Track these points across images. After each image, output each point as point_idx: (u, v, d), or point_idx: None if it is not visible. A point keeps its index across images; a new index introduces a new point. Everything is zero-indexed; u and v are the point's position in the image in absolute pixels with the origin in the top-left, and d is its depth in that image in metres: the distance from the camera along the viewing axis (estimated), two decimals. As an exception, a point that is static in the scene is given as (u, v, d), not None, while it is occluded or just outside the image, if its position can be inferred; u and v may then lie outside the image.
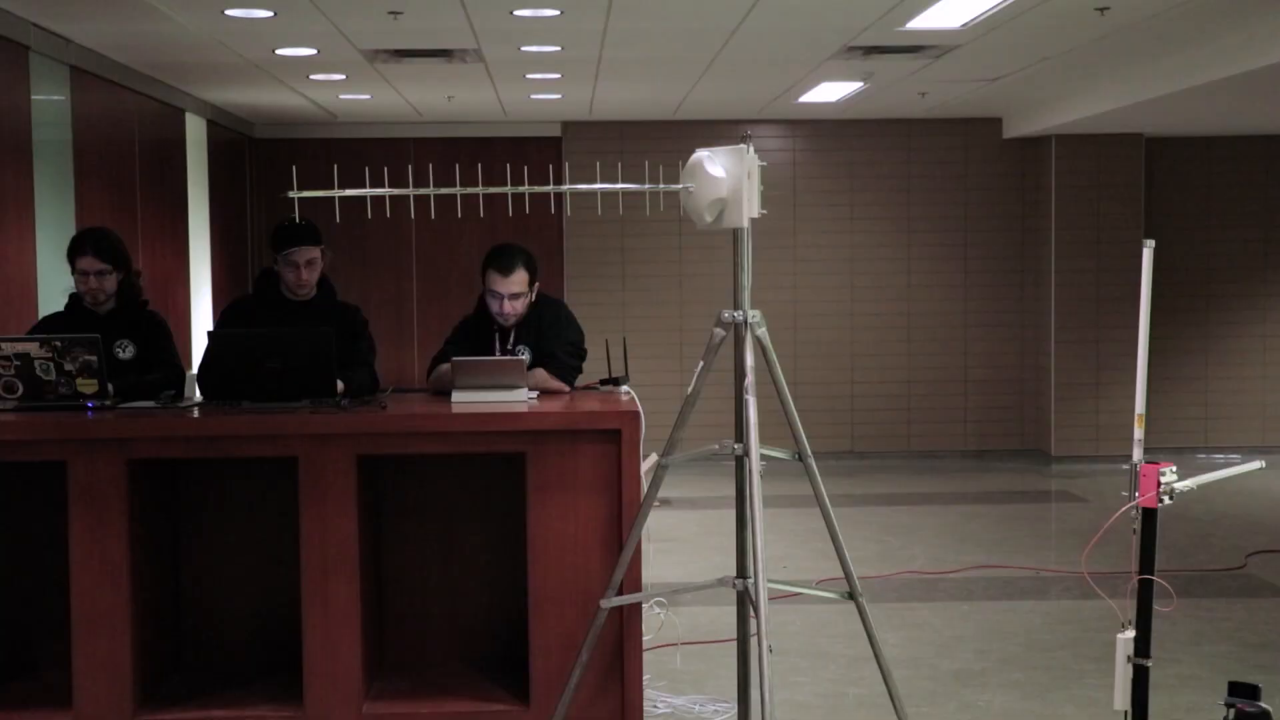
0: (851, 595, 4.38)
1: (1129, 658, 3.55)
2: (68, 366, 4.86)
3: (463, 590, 5.08)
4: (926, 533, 8.75)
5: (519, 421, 4.59)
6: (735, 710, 4.60)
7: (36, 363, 4.86)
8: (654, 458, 4.48)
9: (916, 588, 7.20)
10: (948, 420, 12.33)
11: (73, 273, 5.45)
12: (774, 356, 4.23)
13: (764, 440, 4.06)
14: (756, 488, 4.00)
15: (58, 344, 4.88)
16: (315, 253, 5.40)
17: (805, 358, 12.14)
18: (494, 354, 5.30)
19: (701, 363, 4.22)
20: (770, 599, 4.01)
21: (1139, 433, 3.72)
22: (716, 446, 4.26)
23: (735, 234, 4.19)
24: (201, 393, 5.09)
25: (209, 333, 5.17)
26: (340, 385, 4.98)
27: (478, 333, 5.39)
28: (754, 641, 4.02)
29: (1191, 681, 5.46)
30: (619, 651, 4.56)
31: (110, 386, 4.96)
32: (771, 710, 3.76)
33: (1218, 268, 12.24)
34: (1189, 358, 12.26)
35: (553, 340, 5.34)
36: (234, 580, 5.08)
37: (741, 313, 4.15)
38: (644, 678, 4.68)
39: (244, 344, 4.99)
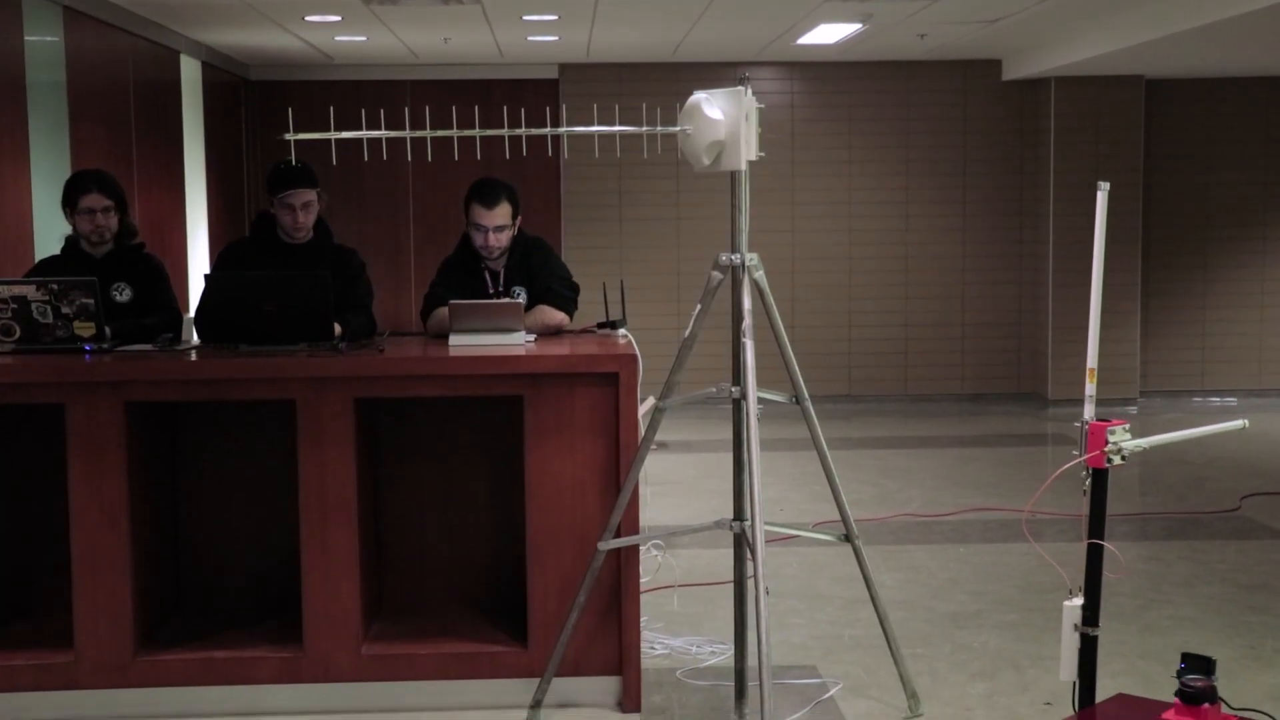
0: (848, 538, 4.40)
1: (1076, 626, 3.37)
2: (65, 309, 4.86)
3: (461, 533, 5.10)
4: (923, 476, 8.78)
5: (516, 365, 4.60)
6: (732, 651, 4.64)
7: (33, 306, 4.85)
8: (651, 401, 4.49)
9: (912, 530, 7.24)
10: (945, 364, 12.35)
11: (74, 213, 5.43)
12: (771, 300, 4.23)
13: (761, 383, 4.07)
14: (754, 431, 4.00)
15: (54, 287, 4.88)
16: (311, 195, 5.38)
17: (803, 301, 12.13)
18: (486, 297, 5.31)
19: (699, 306, 4.21)
20: (767, 541, 4.03)
21: (1090, 388, 3.45)
22: (714, 389, 4.27)
23: (733, 177, 4.18)
24: (199, 336, 5.09)
25: (206, 276, 5.16)
26: (337, 328, 4.98)
27: (467, 273, 5.39)
28: (751, 583, 4.04)
29: (1185, 623, 5.50)
30: (616, 593, 4.58)
31: (107, 329, 4.96)
32: (768, 651, 3.79)
33: (1217, 211, 12.21)
34: (1186, 301, 12.26)
35: (546, 277, 5.35)
36: (233, 523, 5.10)
37: (739, 256, 4.14)
38: (641, 619, 4.71)
39: (241, 287, 4.99)
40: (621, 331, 5.23)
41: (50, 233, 6.73)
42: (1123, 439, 3.51)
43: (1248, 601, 5.82)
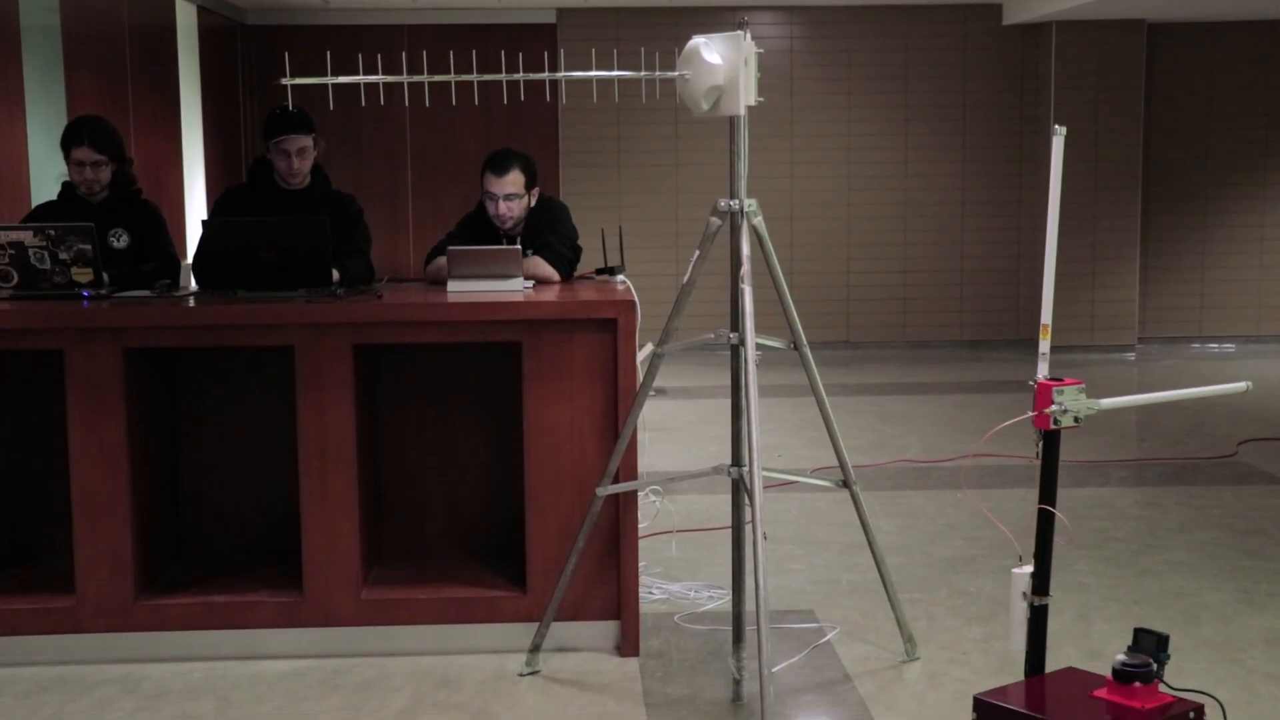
0: (845, 483, 4.42)
1: (1024, 594, 3.21)
2: (62, 255, 4.85)
3: (460, 479, 5.12)
4: (921, 422, 8.79)
5: (515, 311, 4.60)
6: (730, 596, 4.66)
7: (31, 251, 4.85)
8: (650, 347, 4.49)
9: (910, 476, 7.26)
10: (943, 310, 12.35)
11: (67, 161, 5.41)
12: (770, 246, 4.22)
13: (759, 329, 4.07)
14: (752, 377, 4.01)
15: (52, 233, 4.87)
16: (307, 141, 5.36)
17: (801, 247, 12.12)
18: None
19: (697, 252, 4.21)
20: (765, 487, 4.04)
21: (1044, 345, 3.30)
22: (712, 336, 4.27)
23: (731, 122, 4.16)
24: (197, 282, 5.09)
25: (203, 222, 5.15)
26: (336, 274, 4.98)
27: (481, 235, 5.36)
28: (748, 529, 4.06)
29: (1180, 568, 5.53)
30: (615, 539, 4.60)
31: (105, 275, 4.95)
32: (765, 596, 3.81)
33: (1217, 156, 12.18)
34: (1185, 247, 12.26)
35: (548, 232, 5.33)
36: (233, 469, 5.11)
37: (738, 201, 4.13)
38: (639, 564, 4.73)
39: (239, 233, 4.98)
40: (620, 278, 5.22)
41: (46, 176, 6.71)
42: (1072, 400, 3.26)
43: (1242, 546, 5.85)
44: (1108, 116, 11.77)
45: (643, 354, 4.96)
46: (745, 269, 4.08)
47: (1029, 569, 3.28)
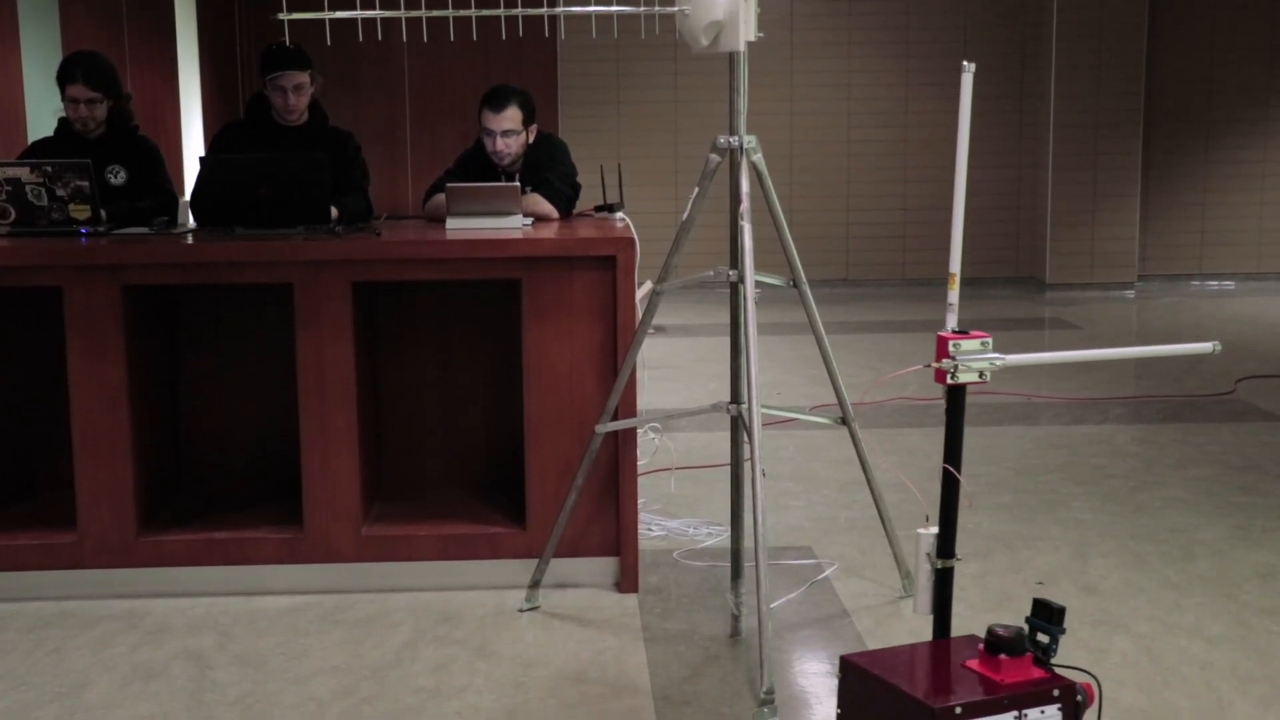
0: (844, 420, 4.43)
1: (929, 557, 3.04)
2: (59, 192, 4.84)
3: (460, 416, 5.13)
4: (920, 359, 8.78)
5: (514, 248, 4.59)
6: (728, 533, 4.68)
7: (28, 188, 4.83)
8: (649, 284, 4.49)
9: (908, 414, 7.28)
10: (942, 248, 12.31)
11: (63, 98, 5.38)
12: (769, 183, 4.21)
13: (759, 267, 4.06)
14: (751, 314, 4.01)
15: (49, 169, 4.85)
16: (303, 78, 5.33)
17: (801, 184, 12.08)
18: None
19: (697, 189, 4.19)
20: (764, 424, 4.05)
21: (952, 295, 3.06)
22: (711, 273, 4.27)
23: (731, 58, 4.13)
24: (195, 219, 5.08)
25: (201, 158, 5.13)
26: (334, 211, 4.96)
27: (480, 172, 5.34)
28: (747, 466, 4.07)
29: (1177, 504, 5.56)
30: (614, 476, 4.62)
31: (103, 212, 4.94)
32: (764, 533, 3.83)
33: (1220, 90, 12.11)
34: (1187, 184, 12.22)
35: (546, 170, 5.31)
36: (233, 406, 5.12)
37: (737, 138, 4.11)
38: (638, 501, 4.75)
39: (237, 169, 4.96)
40: (619, 215, 5.21)
41: (43, 112, 6.68)
42: (971, 355, 3.03)
43: (1238, 483, 5.87)
44: (1109, 51, 11.69)
45: (642, 291, 4.96)
46: (744, 206, 4.07)
47: (935, 530, 3.13)
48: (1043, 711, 2.61)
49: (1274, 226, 12.30)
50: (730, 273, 4.17)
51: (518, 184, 5.11)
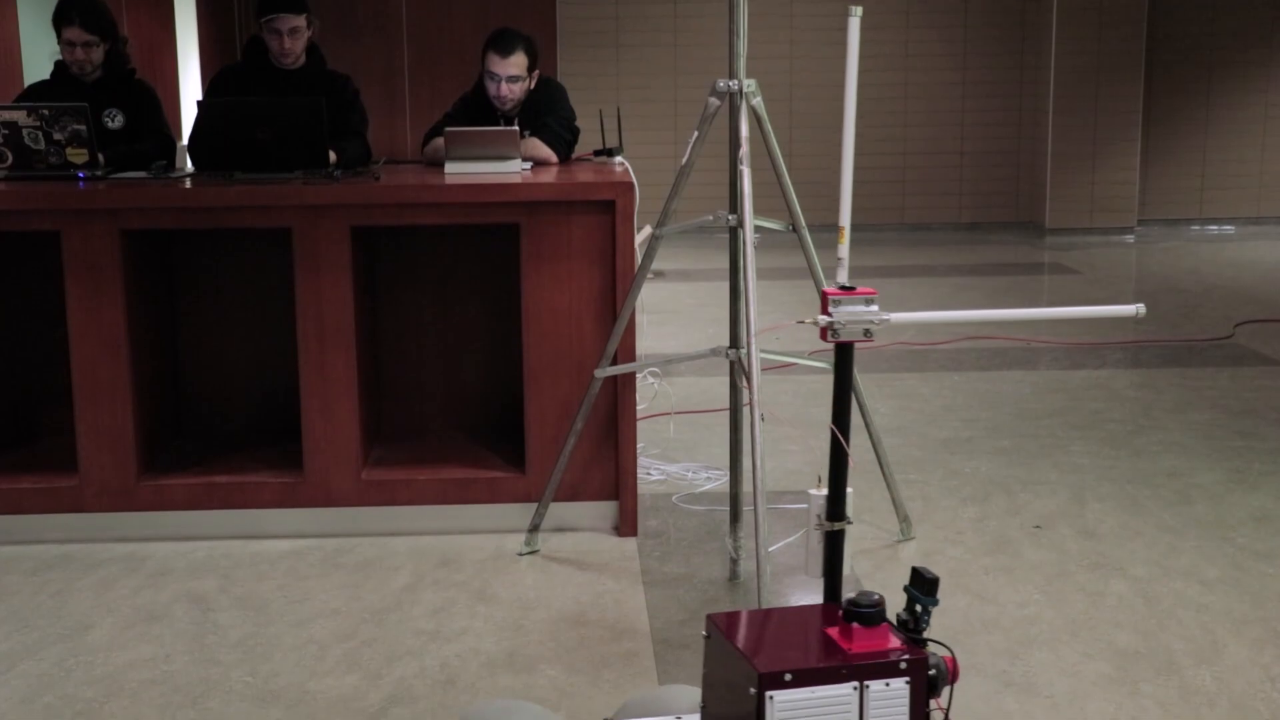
0: (843, 365, 4.42)
1: (819, 519, 2.92)
2: (57, 136, 4.82)
3: (459, 361, 5.14)
4: (919, 305, 8.80)
5: (513, 192, 4.58)
6: (727, 477, 4.70)
7: (25, 131, 4.81)
8: (648, 229, 4.48)
9: (907, 358, 7.28)
10: (942, 193, 12.30)
11: (59, 41, 5.35)
12: (769, 127, 4.19)
13: (758, 211, 4.05)
14: (750, 259, 4.00)
15: (45, 112, 4.83)
16: (299, 21, 5.30)
17: (800, 129, 12.03)
18: None
19: (696, 133, 4.18)
20: (762, 369, 4.05)
21: (843, 249, 2.88)
22: (710, 217, 4.26)
23: (731, 0, 4.10)
24: (193, 163, 5.06)
25: (198, 102, 5.10)
26: (332, 156, 4.95)
27: (479, 116, 5.32)
28: (746, 410, 4.08)
29: (1174, 448, 5.57)
30: (613, 420, 4.63)
31: (101, 156, 4.92)
32: (762, 477, 3.84)
33: (1223, 33, 12.04)
34: (1188, 128, 12.17)
35: (546, 114, 5.29)
36: (232, 351, 5.13)
37: (737, 82, 4.09)
38: (638, 446, 4.76)
39: (234, 113, 4.94)
40: (618, 159, 5.19)
41: (39, 54, 6.64)
42: (852, 313, 2.83)
43: (1236, 427, 5.89)
44: (1112, -5, 11.62)
45: (641, 236, 4.95)
46: (744, 150, 4.06)
47: (824, 492, 2.99)
48: (887, 684, 2.41)
49: (1275, 170, 12.27)
50: (729, 217, 4.17)
51: (516, 128, 5.09)
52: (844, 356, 2.85)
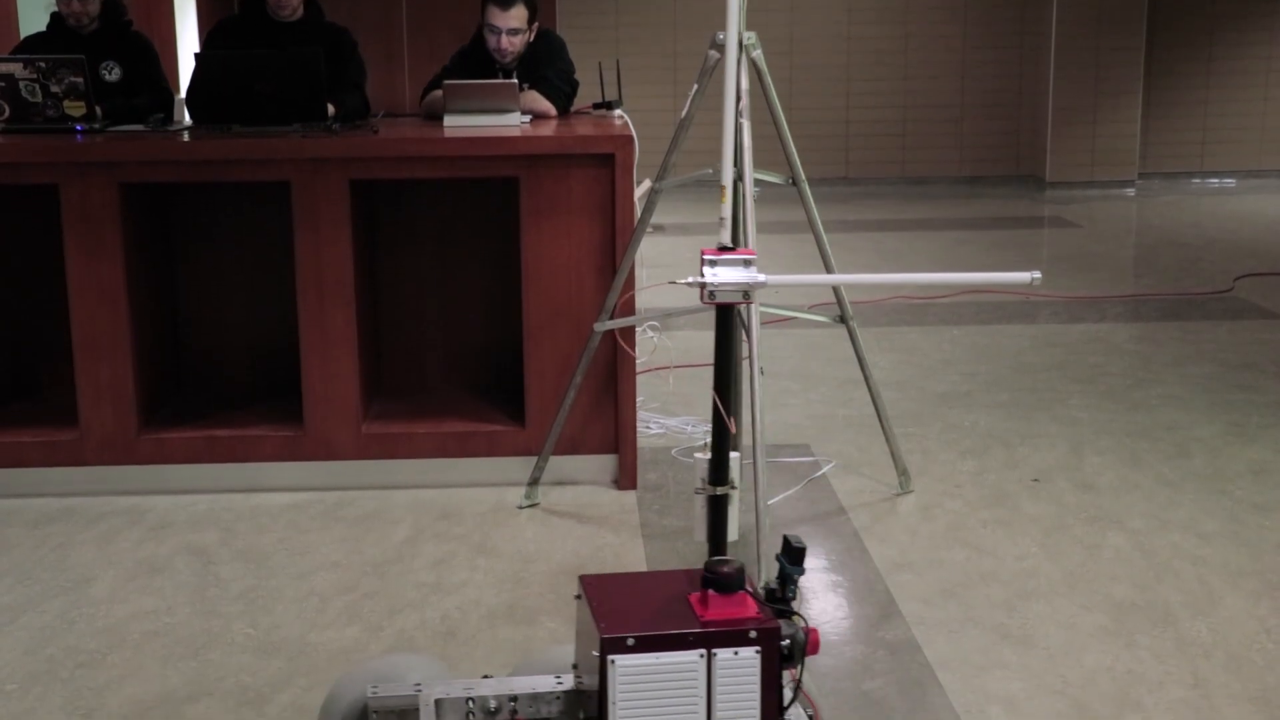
0: (843, 319, 4.43)
1: (703, 481, 2.85)
2: (54, 88, 4.80)
3: (459, 315, 5.14)
4: (918, 258, 8.79)
5: (512, 146, 4.56)
6: (726, 430, 4.70)
7: (21, 84, 4.79)
8: (647, 183, 4.47)
9: (907, 312, 7.28)
10: (943, 146, 12.25)
11: (56, -9, 5.33)
12: (769, 80, 4.17)
13: (758, 165, 4.04)
14: (750, 213, 4.00)
15: (42, 65, 4.81)
16: (297, -29, 5.26)
17: (800, 82, 11.97)
18: None
19: (695, 86, 4.16)
20: (762, 323, 4.05)
21: (725, 209, 2.79)
22: (710, 171, 4.24)
23: (731, -48, 4.08)
24: (190, 116, 5.04)
25: (196, 55, 5.08)
26: (331, 109, 4.93)
27: (477, 69, 5.29)
28: (745, 364, 4.08)
29: (1172, 401, 5.58)
30: (612, 374, 4.63)
31: (98, 109, 4.90)
32: (762, 430, 3.85)
33: (1225, -13, 11.98)
34: (1189, 79, 12.11)
35: (545, 66, 5.27)
36: (232, 305, 5.12)
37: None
38: (637, 399, 4.77)
39: (232, 66, 4.92)
40: (617, 112, 5.17)
41: (34, 6, 6.60)
42: (728, 275, 2.70)
43: (1235, 380, 5.90)
44: (1114, -54, 11.55)
45: (640, 189, 4.94)
46: (744, 103, 4.04)
47: (707, 456, 2.90)
48: (736, 653, 2.35)
49: (1276, 123, 12.22)
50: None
51: (516, 81, 5.07)
52: (724, 318, 2.74)
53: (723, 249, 2.67)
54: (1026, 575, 3.92)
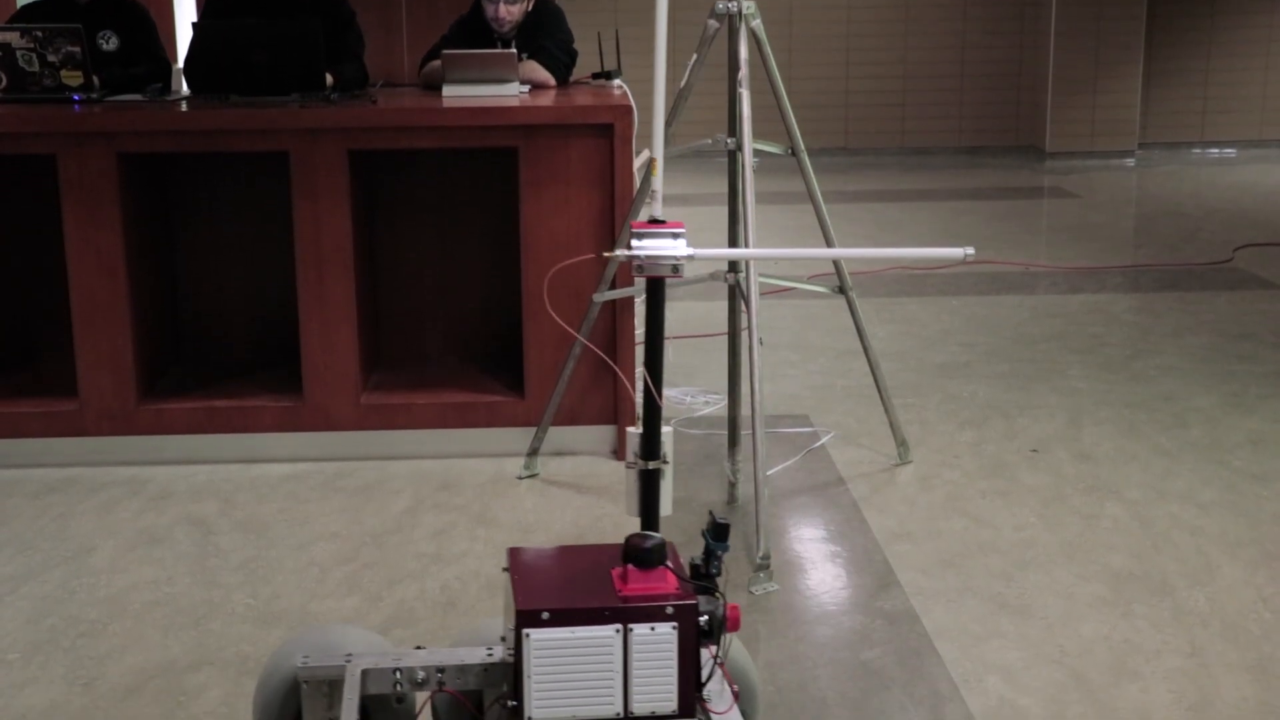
0: (842, 290, 4.43)
1: (634, 455, 2.81)
2: (51, 58, 4.78)
3: (458, 286, 5.13)
4: (918, 229, 8.78)
5: (511, 116, 4.55)
6: (726, 401, 4.71)
7: (18, 53, 4.77)
8: (646, 153, 4.46)
9: (906, 283, 7.28)
10: (942, 116, 12.22)
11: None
12: (769, 49, 4.16)
13: (757, 135, 4.04)
14: (749, 183, 3.99)
15: (39, 34, 4.79)
16: (295, -60, 5.24)
17: (800, 51, 11.94)
18: None
19: (695, 55, 4.15)
20: (761, 293, 4.05)
21: (657, 181, 2.70)
22: (709, 141, 4.24)
23: (730, -80, 4.07)
24: (188, 86, 5.03)
25: (194, 24, 5.07)
26: (329, 79, 4.91)
27: (476, 39, 5.27)
28: (745, 334, 4.09)
29: (1172, 372, 5.58)
30: (612, 345, 4.63)
31: (96, 79, 4.89)
32: (761, 401, 3.85)
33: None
34: (1191, 50, 12.07)
35: (543, 37, 5.25)
36: (231, 276, 5.12)
37: (736, 3, 4.06)
38: (636, 370, 4.76)
39: (230, 36, 4.90)
40: (617, 82, 5.16)
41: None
42: (656, 247, 2.64)
43: (1234, 351, 5.90)
44: (1115, -86, 11.49)
45: (639, 160, 4.93)
46: (743, 73, 4.04)
47: (639, 430, 2.86)
48: (653, 628, 2.34)
49: (1278, 93, 12.19)
50: (728, 141, 4.15)
51: (514, 51, 5.05)
52: (654, 292, 2.68)
53: (654, 222, 2.63)
54: (1024, 545, 3.93)
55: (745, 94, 4.02)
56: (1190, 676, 3.17)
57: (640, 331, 5.42)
